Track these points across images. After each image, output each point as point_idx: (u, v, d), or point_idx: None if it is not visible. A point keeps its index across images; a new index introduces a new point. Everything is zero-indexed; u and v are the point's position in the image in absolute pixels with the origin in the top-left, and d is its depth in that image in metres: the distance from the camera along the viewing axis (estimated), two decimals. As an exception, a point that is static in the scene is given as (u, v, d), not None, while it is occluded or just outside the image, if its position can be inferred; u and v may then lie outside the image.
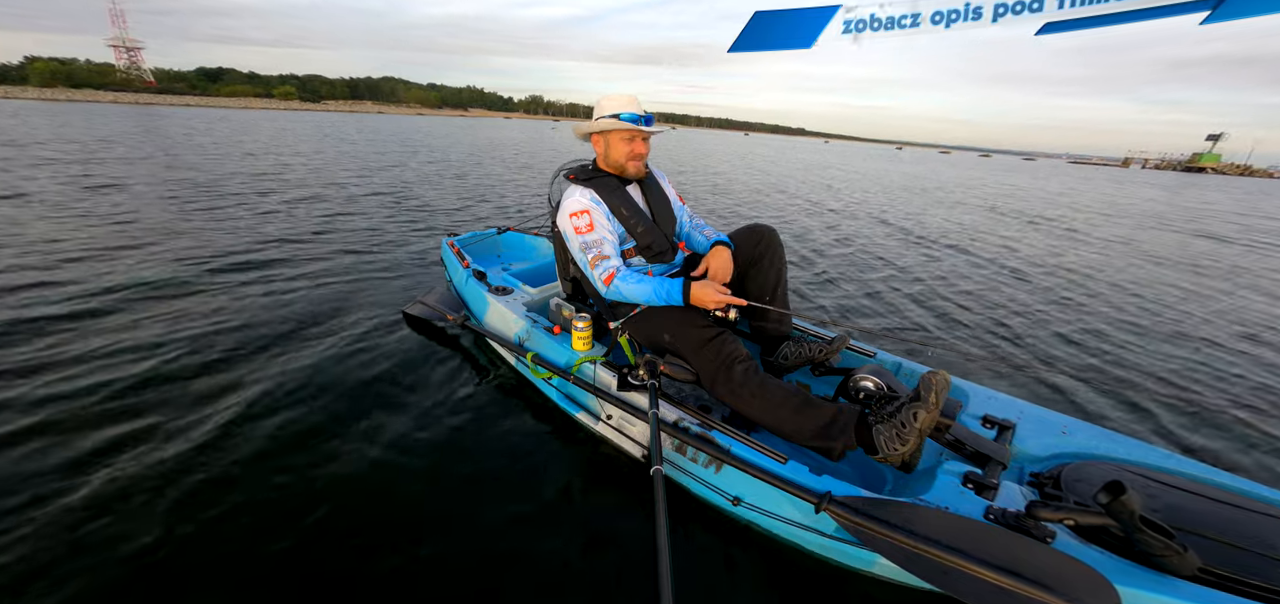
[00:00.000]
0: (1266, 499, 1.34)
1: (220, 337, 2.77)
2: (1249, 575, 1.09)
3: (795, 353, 1.91)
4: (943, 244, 6.69)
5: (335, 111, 68.87)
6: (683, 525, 1.67)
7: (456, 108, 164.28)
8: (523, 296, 2.54)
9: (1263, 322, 4.22)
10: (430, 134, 26.08)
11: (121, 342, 2.63)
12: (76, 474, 1.75)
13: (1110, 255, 6.70)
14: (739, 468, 1.50)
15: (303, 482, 1.79)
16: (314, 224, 5.48)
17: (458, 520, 1.67)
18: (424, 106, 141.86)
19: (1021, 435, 1.62)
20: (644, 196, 2.00)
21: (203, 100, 77.56)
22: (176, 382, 2.33)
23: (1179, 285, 5.33)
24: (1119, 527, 1.10)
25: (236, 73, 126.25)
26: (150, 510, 1.63)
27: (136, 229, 4.83)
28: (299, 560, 1.51)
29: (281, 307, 3.22)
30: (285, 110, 59.31)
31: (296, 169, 9.76)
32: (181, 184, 7.36)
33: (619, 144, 1.88)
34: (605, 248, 1.82)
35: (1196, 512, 1.27)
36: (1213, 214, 12.97)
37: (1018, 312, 4.11)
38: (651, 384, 1.72)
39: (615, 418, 1.91)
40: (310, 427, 2.07)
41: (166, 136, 15.03)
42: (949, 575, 1.12)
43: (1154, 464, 1.49)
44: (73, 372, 2.34)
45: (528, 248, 3.76)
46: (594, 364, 1.94)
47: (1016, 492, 1.36)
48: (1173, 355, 3.42)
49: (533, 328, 2.21)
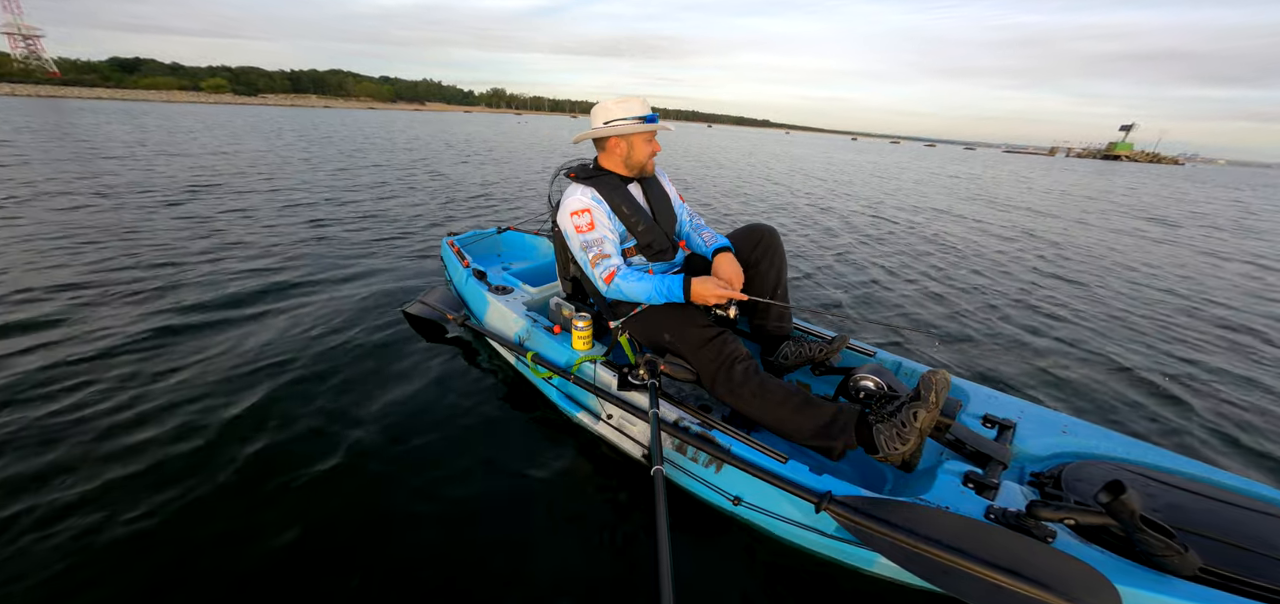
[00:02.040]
0: (1267, 499, 1.34)
1: (217, 335, 2.77)
2: (1250, 575, 1.09)
3: (795, 352, 1.91)
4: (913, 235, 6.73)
5: (274, 106, 64.41)
6: (683, 525, 1.67)
7: (412, 101, 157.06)
8: (523, 296, 2.54)
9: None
10: (387, 129, 25.25)
11: (115, 338, 2.64)
12: (78, 476, 1.76)
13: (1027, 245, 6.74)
14: (739, 467, 1.50)
15: (301, 481, 1.79)
16: (307, 222, 5.48)
17: (457, 520, 1.67)
18: (376, 100, 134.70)
19: (1022, 435, 1.62)
20: (645, 195, 2.00)
21: (117, 93, 71.34)
22: (173, 382, 2.33)
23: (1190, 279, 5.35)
24: (1119, 526, 1.10)
25: (156, 63, 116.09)
26: (151, 510, 1.63)
27: (94, 231, 4.82)
28: (298, 560, 1.51)
29: (281, 306, 3.22)
30: (215, 105, 54.63)
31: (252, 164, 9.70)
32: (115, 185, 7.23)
33: (642, 145, 1.90)
34: (606, 246, 1.82)
35: (1197, 511, 1.27)
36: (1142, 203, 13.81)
37: (944, 286, 4.13)
38: (652, 384, 1.72)
39: (615, 417, 1.91)
40: (309, 425, 2.07)
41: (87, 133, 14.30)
42: (949, 575, 1.12)
43: (1154, 464, 1.49)
44: (79, 369, 2.34)
45: (528, 247, 3.76)
46: (594, 364, 1.94)
47: (1017, 491, 1.36)
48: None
49: (533, 327, 2.21)
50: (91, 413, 2.07)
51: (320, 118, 35.23)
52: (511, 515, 1.70)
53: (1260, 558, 1.13)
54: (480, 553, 1.56)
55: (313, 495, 1.73)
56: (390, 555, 1.53)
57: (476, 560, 1.54)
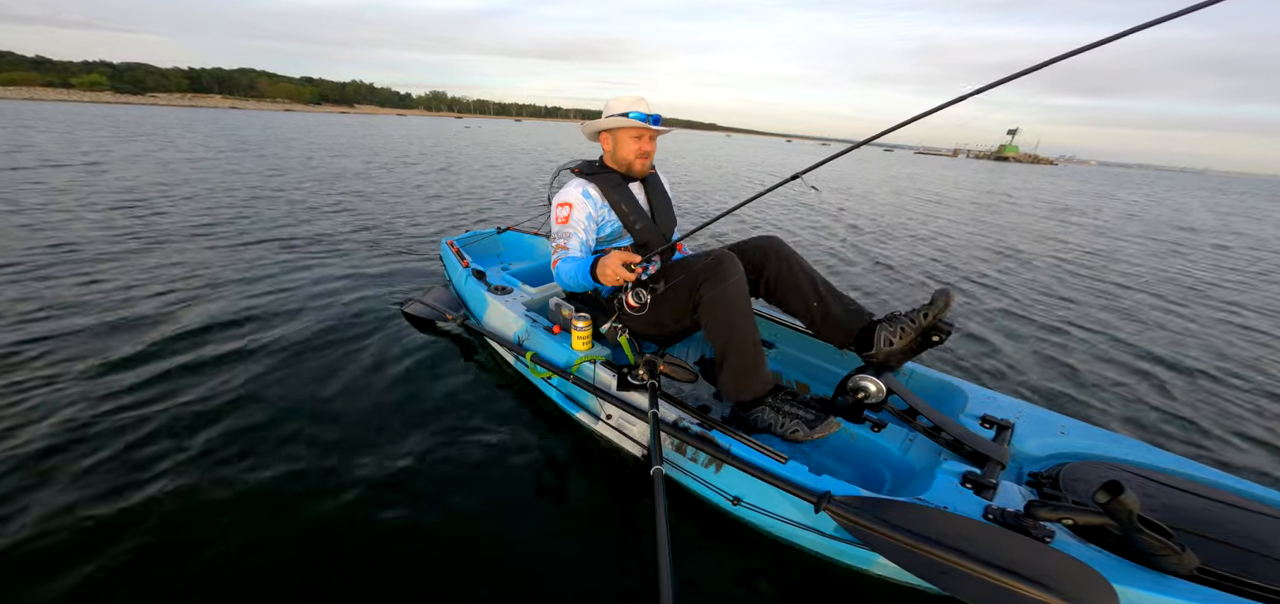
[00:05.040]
0: (1264, 499, 1.35)
1: (215, 334, 2.77)
2: (1247, 575, 1.09)
3: (893, 333, 1.60)
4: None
5: (165, 107, 54.49)
6: (683, 525, 1.67)
7: (339, 103, 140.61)
8: (522, 296, 2.54)
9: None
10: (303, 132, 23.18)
11: (113, 340, 2.63)
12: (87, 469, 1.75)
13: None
14: (739, 467, 1.50)
15: (299, 480, 1.79)
16: (301, 221, 5.47)
17: (456, 520, 1.67)
18: (295, 102, 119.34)
19: (1020, 435, 1.62)
20: (646, 195, 2.00)
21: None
22: (168, 382, 2.33)
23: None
24: (1117, 526, 1.11)
25: (15, 56, 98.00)
26: (149, 511, 1.63)
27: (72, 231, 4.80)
28: (296, 560, 1.51)
29: (279, 307, 3.21)
30: (91, 103, 47.94)
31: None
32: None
33: (627, 141, 1.89)
34: (572, 241, 1.86)
35: (1194, 511, 1.28)
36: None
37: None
38: (651, 384, 1.72)
39: (615, 417, 1.91)
40: (308, 424, 2.07)
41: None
42: (948, 575, 1.12)
43: (1152, 464, 1.50)
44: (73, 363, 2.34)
45: (527, 247, 3.76)
46: (594, 364, 1.94)
47: (1015, 491, 1.36)
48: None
49: (532, 327, 2.21)
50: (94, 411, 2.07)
51: (205, 118, 31.59)
52: (511, 515, 1.70)
53: (1256, 558, 1.14)
54: (480, 553, 1.56)
55: (309, 497, 1.73)
56: (390, 555, 1.53)
57: (476, 560, 1.54)
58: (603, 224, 1.95)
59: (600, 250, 1.92)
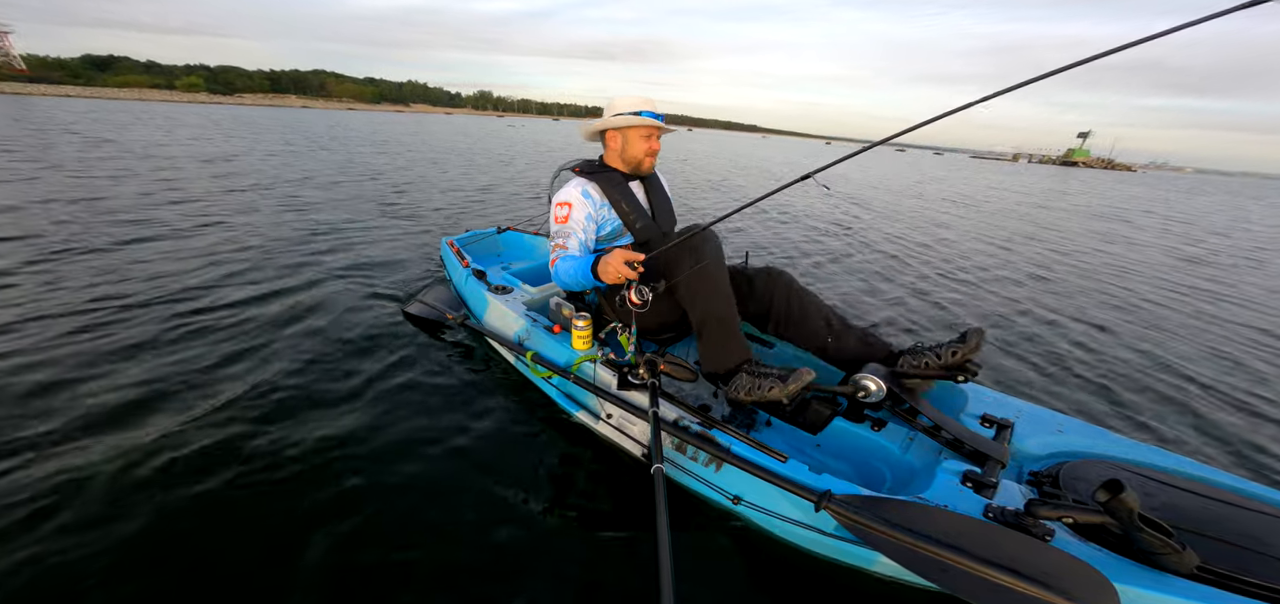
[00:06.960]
0: (1264, 499, 1.35)
1: (212, 332, 2.77)
2: (1247, 574, 1.10)
3: (917, 365, 1.64)
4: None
5: (250, 106, 60.81)
6: (683, 524, 1.67)
7: (396, 103, 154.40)
8: (523, 296, 2.54)
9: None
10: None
11: (111, 339, 2.63)
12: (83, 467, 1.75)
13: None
14: (739, 467, 1.51)
15: (298, 480, 1.79)
16: (300, 223, 5.47)
17: (455, 520, 1.67)
18: (358, 102, 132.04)
19: (1020, 434, 1.63)
20: (646, 194, 2.01)
21: (86, 91, 68.74)
22: (166, 382, 2.33)
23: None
24: (1117, 525, 1.11)
25: (131, 61, 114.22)
26: (148, 510, 1.63)
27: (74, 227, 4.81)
28: (293, 560, 1.50)
29: (278, 306, 3.21)
30: (189, 104, 51.05)
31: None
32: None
33: (637, 140, 1.91)
34: (570, 240, 1.88)
35: (1194, 510, 1.28)
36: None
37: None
38: (651, 383, 1.73)
39: (615, 417, 1.91)
40: (308, 423, 2.07)
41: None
42: (948, 573, 1.12)
43: (1152, 463, 1.50)
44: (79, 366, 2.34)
45: (528, 247, 3.76)
46: (594, 363, 1.94)
47: (1015, 490, 1.37)
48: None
49: (532, 327, 2.21)
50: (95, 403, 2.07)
51: (285, 117, 34.21)
52: (511, 515, 1.70)
53: (1256, 556, 1.14)
54: (480, 552, 1.56)
55: (306, 495, 1.72)
56: (384, 555, 1.53)
57: (476, 560, 1.54)
58: (603, 223, 1.95)
59: (601, 249, 1.92)
